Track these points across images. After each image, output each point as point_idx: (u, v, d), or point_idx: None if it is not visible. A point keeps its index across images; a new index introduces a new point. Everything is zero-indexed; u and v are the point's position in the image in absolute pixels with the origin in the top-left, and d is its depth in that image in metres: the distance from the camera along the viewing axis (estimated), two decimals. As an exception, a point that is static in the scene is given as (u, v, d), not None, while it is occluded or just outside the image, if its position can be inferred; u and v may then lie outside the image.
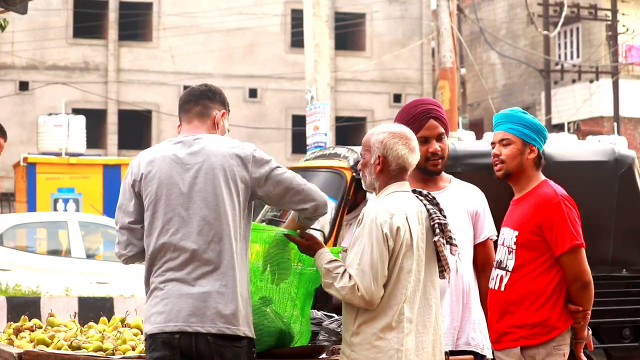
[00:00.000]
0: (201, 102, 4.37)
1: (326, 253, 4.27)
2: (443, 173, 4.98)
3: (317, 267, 4.28)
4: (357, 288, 4.09)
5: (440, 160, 4.87)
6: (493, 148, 4.91)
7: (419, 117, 4.86)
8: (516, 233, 4.79)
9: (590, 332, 4.86)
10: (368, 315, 4.16)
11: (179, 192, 4.16)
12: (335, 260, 4.23)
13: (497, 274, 4.84)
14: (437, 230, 4.26)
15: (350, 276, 4.12)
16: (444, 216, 4.31)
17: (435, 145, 4.86)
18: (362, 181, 4.42)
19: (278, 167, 4.23)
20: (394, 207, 4.21)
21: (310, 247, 4.33)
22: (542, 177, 4.89)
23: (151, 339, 4.13)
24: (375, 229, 4.14)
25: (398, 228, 4.15)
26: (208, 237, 4.11)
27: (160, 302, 4.12)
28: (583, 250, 4.72)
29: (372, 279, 4.10)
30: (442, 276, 4.32)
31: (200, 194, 4.14)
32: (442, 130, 4.89)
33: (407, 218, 4.20)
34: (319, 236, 4.69)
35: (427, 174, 4.87)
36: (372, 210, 4.22)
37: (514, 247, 4.78)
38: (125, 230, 4.25)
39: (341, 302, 4.28)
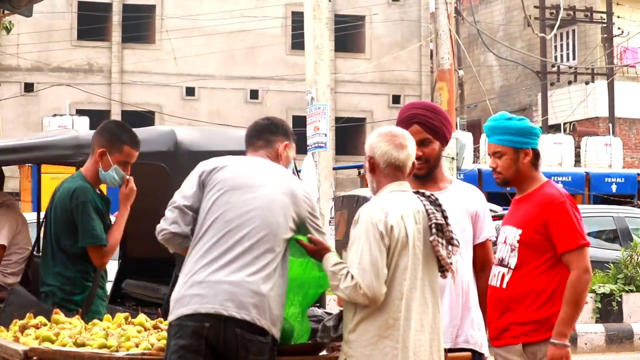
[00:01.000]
0: (264, 137, 4.55)
1: (332, 257, 4.29)
2: (444, 174, 5.04)
3: (324, 271, 4.32)
4: (359, 286, 4.12)
5: (424, 164, 4.90)
6: (490, 160, 4.97)
7: (404, 121, 4.93)
8: (520, 231, 4.79)
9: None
10: (365, 312, 4.19)
11: (246, 189, 4.30)
12: (341, 262, 4.25)
13: (499, 271, 4.83)
14: (434, 230, 4.27)
15: (352, 276, 4.14)
16: (445, 217, 4.33)
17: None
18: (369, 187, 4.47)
19: (318, 221, 4.44)
20: (388, 206, 4.24)
21: (317, 251, 4.35)
22: (544, 178, 4.90)
23: (178, 326, 4.15)
24: (371, 228, 4.17)
25: (392, 227, 4.18)
26: (258, 236, 4.23)
27: (195, 285, 4.17)
28: (587, 250, 4.73)
29: (374, 276, 4.12)
30: (443, 275, 4.35)
31: (264, 199, 4.29)
32: (426, 135, 4.89)
33: (402, 217, 4.22)
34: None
35: (415, 177, 4.91)
36: (367, 209, 4.25)
37: (517, 245, 4.78)
38: (177, 210, 4.31)
39: None
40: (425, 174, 4.93)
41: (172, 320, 4.22)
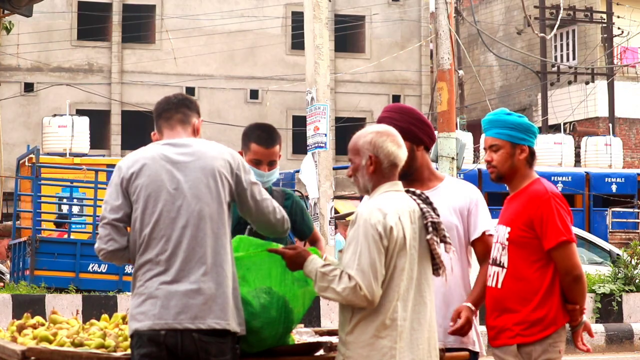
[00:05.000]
0: (181, 110, 4.42)
1: (317, 258, 4.24)
2: (435, 173, 4.96)
3: (307, 274, 4.25)
4: (359, 287, 4.07)
5: None
6: (485, 153, 4.93)
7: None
8: (508, 229, 4.79)
9: (584, 319, 4.86)
10: (363, 314, 4.16)
11: (168, 189, 4.19)
12: (329, 264, 4.20)
13: (494, 271, 4.82)
14: (430, 229, 4.25)
15: (349, 277, 4.10)
16: (437, 215, 4.31)
17: None
18: (355, 186, 4.41)
19: (258, 183, 4.37)
20: (386, 206, 4.20)
21: (298, 255, 4.29)
22: (536, 176, 4.88)
23: (137, 336, 4.13)
24: (370, 229, 4.13)
25: (391, 228, 4.15)
26: (196, 234, 4.16)
27: (147, 301, 4.14)
28: (573, 245, 4.70)
29: (373, 278, 4.10)
30: (436, 274, 4.32)
31: (189, 191, 4.19)
32: None
33: (399, 217, 4.19)
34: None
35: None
36: (365, 210, 4.20)
37: (507, 243, 4.77)
38: (108, 226, 4.23)
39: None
40: (402, 177, 4.77)
41: (131, 333, 4.20)
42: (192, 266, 4.14)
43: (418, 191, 4.40)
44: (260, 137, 5.28)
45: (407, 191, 4.38)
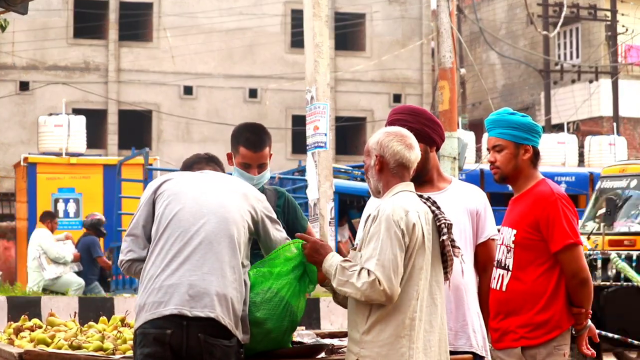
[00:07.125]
0: (211, 165, 4.78)
1: (337, 255, 4.31)
2: (443, 175, 4.99)
3: (327, 268, 4.29)
4: (378, 282, 4.08)
5: None
6: (489, 153, 4.95)
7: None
8: (514, 232, 4.80)
9: (589, 323, 4.85)
10: (381, 313, 4.17)
11: (196, 191, 4.34)
12: (349, 260, 4.25)
13: (499, 274, 4.84)
14: (445, 230, 4.30)
15: (369, 272, 4.11)
16: (448, 219, 4.36)
17: None
18: (368, 187, 4.46)
19: (276, 219, 4.57)
20: (407, 204, 4.23)
21: (322, 247, 4.39)
22: (540, 176, 4.89)
23: (142, 334, 4.16)
24: (392, 225, 4.15)
25: (414, 225, 4.18)
26: (216, 231, 4.23)
27: (155, 291, 4.17)
28: (580, 248, 4.71)
29: (393, 274, 4.11)
30: (446, 277, 4.36)
31: (216, 199, 4.32)
32: None
33: (419, 216, 4.23)
34: None
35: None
36: (387, 207, 4.22)
37: (512, 246, 4.79)
38: (129, 238, 4.36)
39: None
40: (414, 178, 4.76)
41: (136, 329, 4.20)
42: (206, 260, 4.18)
43: (426, 195, 4.42)
44: (248, 140, 5.20)
45: (417, 195, 4.36)
